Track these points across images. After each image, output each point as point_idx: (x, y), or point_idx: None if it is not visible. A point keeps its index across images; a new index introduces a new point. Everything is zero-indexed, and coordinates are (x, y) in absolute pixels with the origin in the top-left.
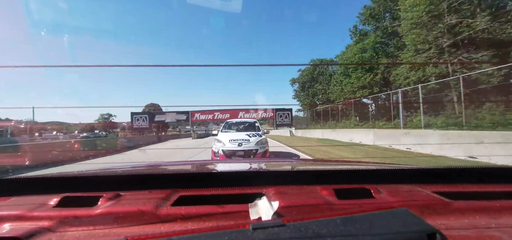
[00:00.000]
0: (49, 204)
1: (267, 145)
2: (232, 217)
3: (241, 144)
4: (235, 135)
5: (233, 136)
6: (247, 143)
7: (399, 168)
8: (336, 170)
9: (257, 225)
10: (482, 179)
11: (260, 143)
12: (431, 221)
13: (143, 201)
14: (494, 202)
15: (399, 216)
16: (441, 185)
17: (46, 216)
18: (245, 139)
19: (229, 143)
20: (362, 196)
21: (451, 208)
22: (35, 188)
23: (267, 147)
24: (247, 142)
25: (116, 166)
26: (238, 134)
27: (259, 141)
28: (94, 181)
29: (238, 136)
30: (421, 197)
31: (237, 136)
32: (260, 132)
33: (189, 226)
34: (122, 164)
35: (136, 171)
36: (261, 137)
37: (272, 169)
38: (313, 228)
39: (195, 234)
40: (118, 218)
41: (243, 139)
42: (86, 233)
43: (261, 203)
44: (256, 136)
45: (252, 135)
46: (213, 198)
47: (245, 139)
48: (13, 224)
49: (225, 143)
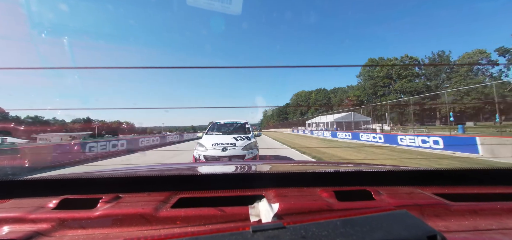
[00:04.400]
0: (48, 206)
1: (257, 149)
2: (232, 219)
3: (226, 149)
4: (220, 138)
5: (218, 140)
6: (233, 147)
7: (399, 169)
8: (336, 172)
9: (257, 228)
10: (483, 180)
11: (248, 147)
12: (432, 223)
13: (142, 203)
14: (494, 204)
15: (399, 218)
16: (442, 187)
17: (45, 218)
18: (231, 143)
19: (212, 147)
20: (362, 198)
21: (451, 210)
22: (34, 190)
23: (256, 152)
24: (232, 146)
25: (115, 168)
26: (224, 137)
27: (247, 145)
28: (93, 183)
29: (223, 140)
30: (421, 199)
31: (222, 140)
32: (249, 135)
33: (189, 228)
34: (121, 166)
35: (136, 173)
36: (250, 140)
37: (272, 171)
38: (313, 230)
39: (194, 237)
40: (117, 221)
41: (229, 143)
42: (85, 236)
43: (261, 205)
44: (244, 139)
45: (240, 138)
46: (213, 200)
47: (230, 143)
48: (12, 226)
49: (208, 147)
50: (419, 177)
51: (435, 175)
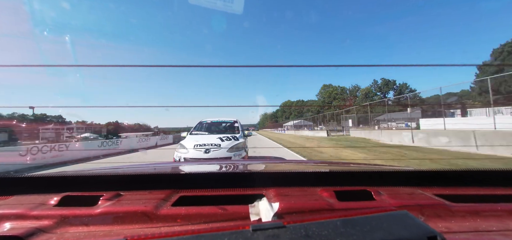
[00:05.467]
0: (49, 203)
1: (245, 150)
2: (232, 218)
3: (209, 150)
4: (204, 138)
5: (201, 140)
6: (217, 148)
7: (400, 170)
8: (336, 172)
9: (257, 226)
10: (483, 182)
11: (235, 148)
12: (432, 224)
13: (143, 201)
14: (495, 205)
15: (400, 219)
16: (442, 188)
17: (47, 215)
18: (215, 144)
19: (194, 149)
20: (363, 198)
21: (452, 210)
22: (36, 187)
23: (244, 154)
24: (216, 147)
25: (116, 165)
26: (209, 137)
27: (233, 146)
28: (94, 181)
29: (206, 140)
30: (421, 200)
31: (206, 140)
32: (238, 134)
33: (189, 226)
34: (123, 163)
35: (137, 171)
36: (237, 141)
37: (272, 171)
38: (313, 230)
39: (195, 235)
40: (118, 218)
41: (212, 144)
42: (86, 232)
43: (261, 204)
44: (231, 139)
45: (226, 138)
46: (214, 199)
47: (214, 144)
48: (13, 223)
49: (189, 149)
50: (419, 177)
51: (436, 176)
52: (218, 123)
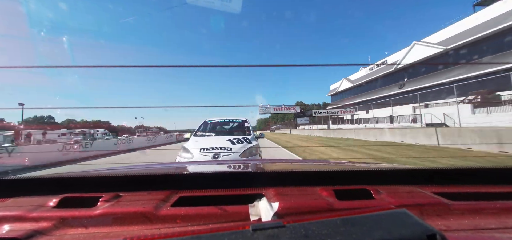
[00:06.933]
0: (48, 205)
1: (260, 155)
2: (232, 218)
3: (218, 155)
4: (211, 141)
5: (208, 143)
6: (228, 153)
7: (399, 168)
8: (336, 171)
9: (257, 226)
10: (483, 179)
11: (249, 152)
12: (431, 222)
13: (142, 202)
14: (494, 203)
15: (399, 217)
16: (441, 186)
17: (46, 216)
18: (225, 148)
19: (200, 153)
20: (362, 197)
21: (451, 209)
22: (34, 188)
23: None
24: (227, 151)
25: (116, 166)
26: (217, 139)
27: (246, 150)
28: (93, 182)
29: (215, 143)
30: (421, 198)
31: (214, 143)
32: (250, 136)
33: (189, 227)
34: (122, 164)
35: (136, 171)
36: (250, 144)
37: (272, 170)
38: (312, 229)
39: (195, 235)
40: (117, 219)
41: (222, 148)
42: (86, 234)
43: (261, 204)
44: (243, 142)
45: (237, 140)
46: (213, 199)
47: (225, 147)
48: (12, 225)
49: (194, 153)
50: (419, 176)
51: (435, 174)
52: (224, 123)
